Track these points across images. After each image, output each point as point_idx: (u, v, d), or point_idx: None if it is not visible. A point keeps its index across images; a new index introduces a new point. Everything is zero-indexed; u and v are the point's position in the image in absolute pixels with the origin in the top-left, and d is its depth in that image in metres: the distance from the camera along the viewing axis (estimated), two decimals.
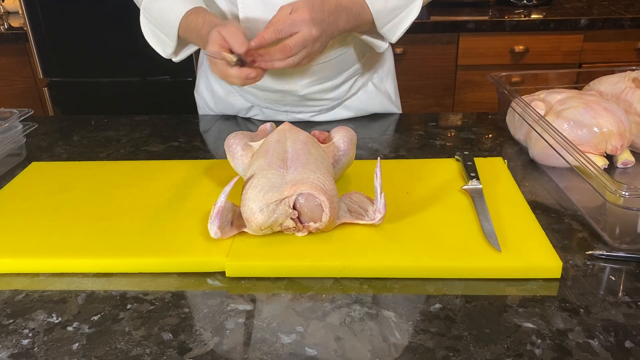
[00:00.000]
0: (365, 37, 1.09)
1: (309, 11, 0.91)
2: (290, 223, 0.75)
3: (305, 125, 1.21)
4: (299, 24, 0.91)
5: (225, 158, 1.07)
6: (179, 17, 1.02)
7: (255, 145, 0.88)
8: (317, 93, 1.20)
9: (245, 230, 0.77)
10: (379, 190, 0.77)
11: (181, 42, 1.07)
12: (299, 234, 0.77)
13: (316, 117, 1.24)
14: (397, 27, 1.06)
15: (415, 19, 1.07)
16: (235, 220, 0.79)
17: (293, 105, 1.22)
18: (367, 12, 1.01)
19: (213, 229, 0.75)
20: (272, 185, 0.75)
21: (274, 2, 1.04)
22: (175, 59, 1.12)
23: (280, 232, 0.77)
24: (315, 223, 0.75)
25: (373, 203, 0.79)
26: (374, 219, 0.77)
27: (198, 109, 1.36)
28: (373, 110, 1.26)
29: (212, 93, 1.31)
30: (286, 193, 0.74)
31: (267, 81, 1.18)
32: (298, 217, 0.76)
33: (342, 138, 0.88)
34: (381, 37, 1.09)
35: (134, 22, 1.09)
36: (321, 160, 0.80)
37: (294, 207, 0.75)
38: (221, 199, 0.76)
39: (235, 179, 0.78)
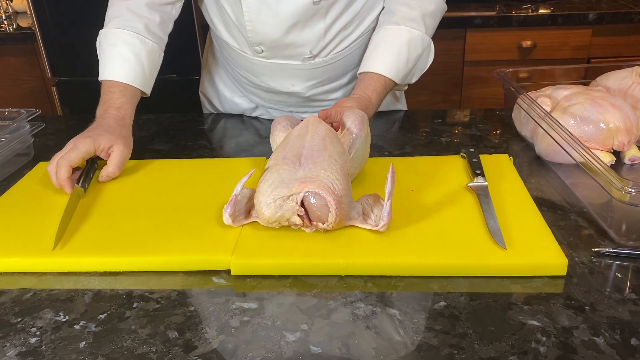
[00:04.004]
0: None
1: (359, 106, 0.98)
2: (297, 220, 0.76)
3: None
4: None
5: (231, 157, 1.08)
6: (107, 76, 1.04)
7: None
8: (322, 94, 1.20)
9: (257, 220, 0.78)
10: (387, 197, 0.76)
11: None
12: (307, 230, 0.77)
13: None
14: (414, 75, 1.13)
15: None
16: (251, 209, 0.80)
17: (297, 105, 1.22)
18: (393, 86, 1.09)
19: (225, 216, 0.78)
20: (282, 181, 0.76)
21: (280, 7, 1.04)
22: None
23: (288, 227, 0.77)
24: (322, 224, 0.75)
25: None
26: (378, 226, 0.76)
27: (202, 108, 1.37)
28: (378, 109, 1.26)
29: (218, 93, 1.31)
30: (294, 190, 0.75)
31: (272, 83, 1.18)
32: (307, 215, 0.76)
33: (353, 123, 0.88)
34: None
35: None
36: (336, 158, 0.79)
37: (303, 205, 0.75)
38: (237, 188, 0.79)
39: (251, 172, 0.82)
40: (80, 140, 0.94)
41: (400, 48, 1.06)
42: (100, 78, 1.06)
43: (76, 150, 0.93)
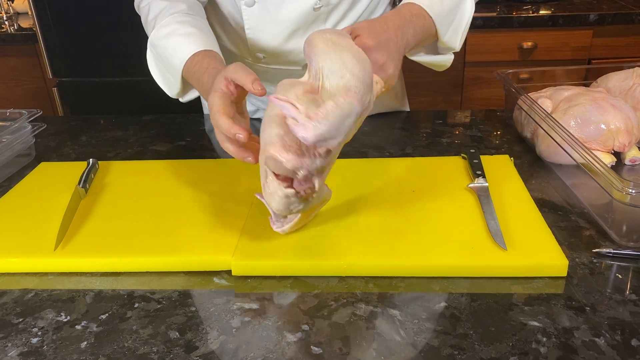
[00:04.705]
0: (429, 58, 0.98)
1: (371, 37, 0.78)
2: (291, 191, 0.68)
3: None
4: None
5: (232, 157, 1.07)
6: (183, 59, 0.92)
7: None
8: None
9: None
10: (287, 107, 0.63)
11: (187, 84, 0.98)
12: (303, 186, 0.69)
13: None
14: (457, 30, 0.96)
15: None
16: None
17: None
18: (429, 20, 0.90)
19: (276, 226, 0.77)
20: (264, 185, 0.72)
21: (280, 14, 1.04)
22: (183, 100, 1.03)
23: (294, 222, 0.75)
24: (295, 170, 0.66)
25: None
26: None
27: (203, 109, 1.37)
28: (380, 109, 1.26)
29: None
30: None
31: (273, 88, 1.18)
32: (289, 181, 0.69)
33: (304, 50, 0.70)
34: (440, 51, 0.99)
35: (141, 22, 1.09)
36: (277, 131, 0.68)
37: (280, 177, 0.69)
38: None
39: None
40: (214, 96, 0.78)
41: None
42: (179, 69, 0.93)
43: (215, 104, 0.77)
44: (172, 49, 0.95)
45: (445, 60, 1.00)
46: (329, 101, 0.63)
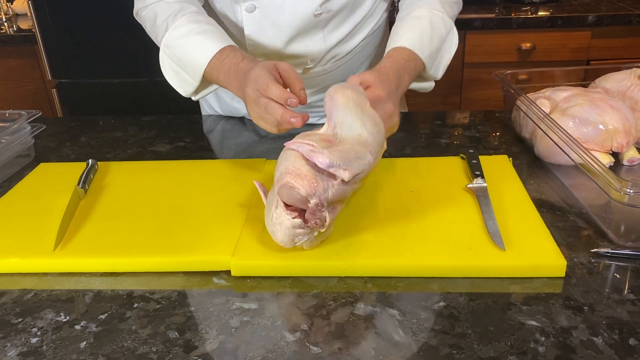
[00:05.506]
0: (412, 85, 1.04)
1: (381, 88, 0.84)
2: (298, 221, 0.71)
3: (311, 128, 1.21)
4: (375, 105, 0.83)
5: (231, 158, 1.08)
6: (208, 56, 0.95)
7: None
8: (322, 100, 1.20)
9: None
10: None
11: (204, 82, 1.01)
12: (322, 229, 0.72)
13: (322, 120, 1.24)
14: (440, 63, 1.04)
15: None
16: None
17: (298, 111, 1.22)
18: (420, 61, 0.98)
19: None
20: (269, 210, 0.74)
21: (281, 20, 1.04)
22: (195, 98, 1.06)
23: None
24: (310, 202, 0.70)
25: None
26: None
27: (202, 110, 1.37)
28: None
29: (218, 97, 1.31)
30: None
31: None
32: (299, 213, 0.72)
33: (325, 107, 0.79)
34: (423, 80, 1.06)
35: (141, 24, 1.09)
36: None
37: (289, 207, 0.72)
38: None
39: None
40: (260, 70, 0.83)
41: (422, 26, 0.99)
42: (202, 66, 0.96)
43: (263, 75, 0.82)
44: (192, 47, 0.97)
45: (427, 86, 1.08)
46: (346, 144, 0.72)
